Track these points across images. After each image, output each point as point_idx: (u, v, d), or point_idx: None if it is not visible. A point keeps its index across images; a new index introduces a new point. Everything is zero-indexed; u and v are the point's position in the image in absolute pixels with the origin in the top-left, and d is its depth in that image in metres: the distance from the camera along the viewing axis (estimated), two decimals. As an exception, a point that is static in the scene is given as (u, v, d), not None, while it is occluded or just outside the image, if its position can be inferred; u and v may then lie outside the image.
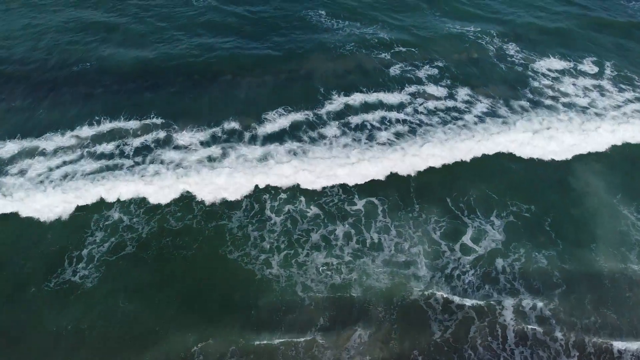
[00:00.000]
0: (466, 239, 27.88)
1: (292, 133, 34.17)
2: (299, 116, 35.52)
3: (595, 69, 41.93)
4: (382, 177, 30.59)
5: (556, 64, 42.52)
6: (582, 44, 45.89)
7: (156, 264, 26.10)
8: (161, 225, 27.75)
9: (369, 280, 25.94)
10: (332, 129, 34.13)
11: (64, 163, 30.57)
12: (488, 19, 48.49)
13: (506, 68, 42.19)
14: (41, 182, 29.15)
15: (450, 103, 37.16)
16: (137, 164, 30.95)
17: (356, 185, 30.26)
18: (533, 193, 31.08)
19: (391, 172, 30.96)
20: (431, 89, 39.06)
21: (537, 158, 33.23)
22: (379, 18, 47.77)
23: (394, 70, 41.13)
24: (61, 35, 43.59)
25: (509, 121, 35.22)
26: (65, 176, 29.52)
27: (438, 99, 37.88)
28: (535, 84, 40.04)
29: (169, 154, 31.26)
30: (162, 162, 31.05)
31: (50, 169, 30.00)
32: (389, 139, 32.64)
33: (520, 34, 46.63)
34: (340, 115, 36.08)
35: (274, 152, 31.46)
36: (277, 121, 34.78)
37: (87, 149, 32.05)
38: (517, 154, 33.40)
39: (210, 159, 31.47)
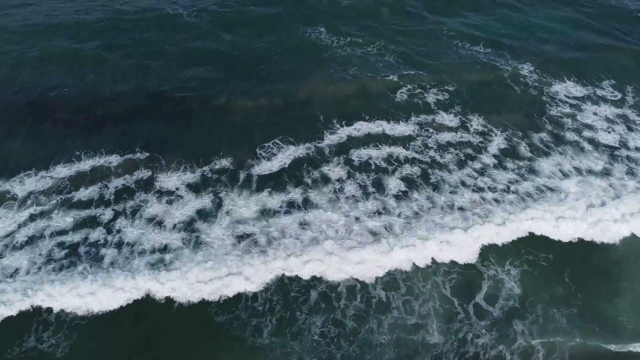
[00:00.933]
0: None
1: (291, 172, 30.97)
2: (299, 151, 32.32)
3: (616, 95, 38.88)
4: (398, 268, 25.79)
5: (573, 88, 39.45)
6: (599, 65, 42.76)
7: None
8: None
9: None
10: (335, 170, 30.98)
11: (32, 219, 27.20)
12: (498, 38, 45.18)
13: (521, 92, 39.07)
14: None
15: (463, 136, 34.05)
16: (104, 244, 25.86)
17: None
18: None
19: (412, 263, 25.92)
20: (441, 117, 35.91)
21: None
22: (383, 34, 44.38)
23: (401, 95, 37.92)
24: (39, 62, 39.88)
25: (535, 166, 31.73)
26: (31, 239, 26.07)
27: (449, 129, 34.76)
28: (553, 111, 36.97)
29: (149, 211, 27.82)
30: (128, 245, 25.62)
31: (19, 226, 26.58)
32: (399, 191, 29.36)
33: (533, 54, 43.40)
34: (343, 149, 32.95)
35: (275, 222, 27.28)
36: (274, 159, 31.53)
37: (62, 195, 28.71)
38: (555, 238, 27.52)
39: (194, 230, 26.80)
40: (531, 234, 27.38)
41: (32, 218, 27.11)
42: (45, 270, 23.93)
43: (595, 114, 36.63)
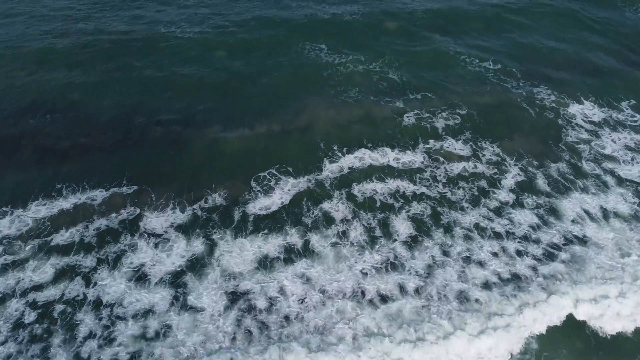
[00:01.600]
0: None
1: (290, 209, 28.54)
2: (298, 185, 29.87)
3: (636, 119, 36.45)
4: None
5: (591, 110, 37.02)
6: (617, 83, 40.35)
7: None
8: None
9: None
10: (337, 207, 28.54)
11: (4, 269, 24.67)
12: (509, 57, 42.59)
13: (535, 115, 36.62)
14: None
15: (475, 166, 31.59)
16: (82, 303, 23.04)
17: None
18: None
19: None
20: (451, 144, 33.47)
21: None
22: (387, 51, 41.87)
23: (407, 118, 35.50)
24: (19, 87, 37.28)
25: (556, 204, 29.10)
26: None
27: (460, 158, 32.32)
28: (570, 137, 34.55)
29: (134, 259, 25.30)
30: (107, 307, 22.56)
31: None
32: (408, 236, 26.82)
33: (545, 75, 40.88)
34: (345, 182, 30.54)
35: (274, 275, 24.49)
36: (270, 195, 29.09)
37: (38, 240, 26.22)
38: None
39: (182, 285, 23.91)
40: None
41: (3, 268, 24.61)
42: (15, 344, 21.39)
43: (614, 141, 34.16)
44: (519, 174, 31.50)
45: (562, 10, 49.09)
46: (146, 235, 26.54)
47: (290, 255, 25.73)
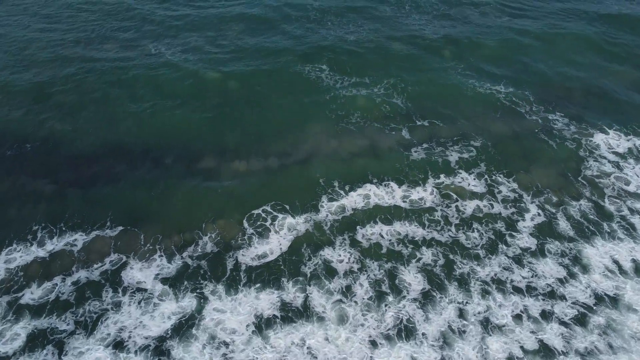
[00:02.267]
0: None
1: (287, 257, 25.93)
2: (294, 224, 27.29)
3: (663, 148, 33.81)
4: None
5: (616, 140, 34.32)
6: (637, 112, 37.63)
7: None
8: None
9: None
10: (340, 255, 25.97)
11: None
12: (520, 76, 39.97)
13: (553, 144, 34.03)
14: None
15: (491, 205, 29.04)
16: None
17: None
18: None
19: None
20: (464, 179, 30.93)
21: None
22: (392, 73, 39.26)
23: (416, 151, 32.98)
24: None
25: (581, 253, 26.41)
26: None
27: (473, 195, 29.74)
28: (590, 171, 32.04)
29: (114, 321, 22.68)
30: None
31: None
32: (420, 293, 24.16)
33: (560, 97, 38.27)
34: (348, 225, 28.06)
35: (270, 341, 21.53)
36: (265, 241, 26.48)
37: (8, 296, 23.61)
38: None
39: (166, 352, 21.29)
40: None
41: (-34, 336, 22.01)
42: None
43: (638, 175, 31.55)
44: (538, 214, 28.96)
45: (579, 34, 46.04)
46: (130, 291, 23.93)
47: (288, 313, 23.11)
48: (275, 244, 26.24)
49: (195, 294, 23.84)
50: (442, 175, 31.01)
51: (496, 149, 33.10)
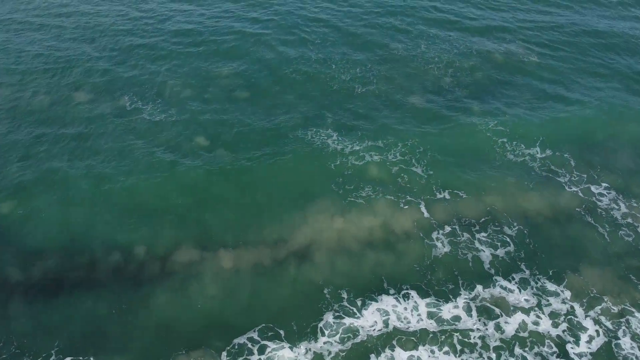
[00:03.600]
0: None
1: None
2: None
3: None
4: None
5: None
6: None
7: None
8: None
9: None
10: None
11: None
12: (559, 142, 33.76)
13: (607, 234, 27.92)
14: None
15: (538, 323, 23.24)
16: None
17: None
18: None
19: None
20: (502, 288, 25.10)
21: None
22: (409, 133, 33.43)
23: (438, 238, 27.04)
24: None
25: None
26: None
27: (515, 308, 23.84)
28: (657, 268, 26.00)
29: None
30: None
31: None
32: None
33: (608, 167, 32.04)
34: (359, 356, 21.93)
35: None
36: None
37: None
38: None
39: None
40: None
41: None
42: None
43: None
44: (596, 333, 23.24)
45: (624, 79, 39.65)
46: None
47: None
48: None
49: None
50: (475, 282, 24.99)
51: (535, 240, 27.25)
